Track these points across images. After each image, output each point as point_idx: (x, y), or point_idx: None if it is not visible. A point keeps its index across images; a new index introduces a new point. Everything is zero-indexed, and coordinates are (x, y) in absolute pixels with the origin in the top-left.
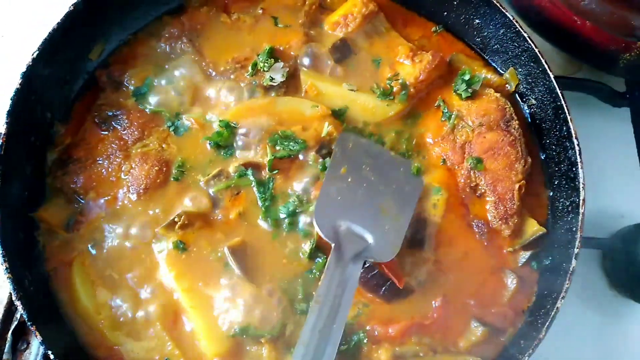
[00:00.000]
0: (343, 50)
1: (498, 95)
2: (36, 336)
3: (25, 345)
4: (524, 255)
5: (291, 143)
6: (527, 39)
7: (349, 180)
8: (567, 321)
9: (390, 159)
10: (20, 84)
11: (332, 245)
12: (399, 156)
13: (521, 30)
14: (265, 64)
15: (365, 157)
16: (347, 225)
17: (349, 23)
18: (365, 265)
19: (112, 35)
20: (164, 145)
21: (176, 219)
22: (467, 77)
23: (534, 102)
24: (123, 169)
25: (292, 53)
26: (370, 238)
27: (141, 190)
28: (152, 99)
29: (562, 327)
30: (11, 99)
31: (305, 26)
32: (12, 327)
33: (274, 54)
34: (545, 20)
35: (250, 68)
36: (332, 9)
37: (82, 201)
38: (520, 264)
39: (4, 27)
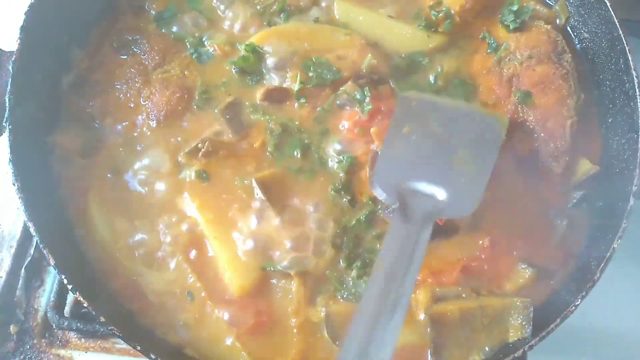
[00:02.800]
0: None
1: (549, 27)
2: (49, 259)
3: (38, 283)
4: (575, 196)
5: (324, 71)
6: None
7: (414, 138)
8: (611, 277)
9: (463, 110)
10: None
11: (396, 205)
12: (474, 106)
13: None
14: None
15: (431, 112)
16: (413, 183)
17: None
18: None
19: None
20: (185, 72)
21: (200, 145)
22: (515, 8)
23: (586, 35)
24: (142, 94)
25: None
26: (442, 194)
27: (161, 117)
28: (174, 24)
29: (606, 283)
30: (25, 14)
31: None
32: (25, 262)
33: None
34: None
35: None
36: None
37: (99, 127)
38: (570, 205)
39: None
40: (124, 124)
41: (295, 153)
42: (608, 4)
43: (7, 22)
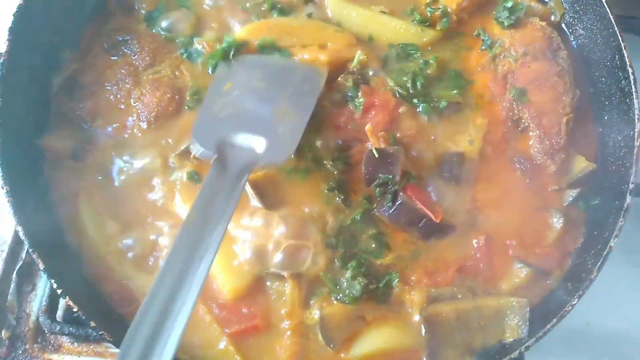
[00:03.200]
0: None
1: (544, 23)
2: (38, 264)
3: (30, 287)
4: (571, 194)
5: None
6: None
7: (235, 93)
8: (607, 276)
9: (285, 64)
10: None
11: (213, 158)
12: (295, 60)
13: None
14: None
15: (253, 69)
16: (232, 136)
17: None
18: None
19: None
20: (176, 72)
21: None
22: (509, 4)
23: (581, 31)
24: (133, 95)
25: None
26: (261, 144)
27: (152, 119)
28: (164, 24)
29: (602, 283)
30: (13, 15)
31: None
32: (17, 266)
33: None
34: None
35: None
36: None
37: (89, 129)
38: (566, 203)
39: None
40: (114, 125)
41: None
42: (603, 1)
43: None
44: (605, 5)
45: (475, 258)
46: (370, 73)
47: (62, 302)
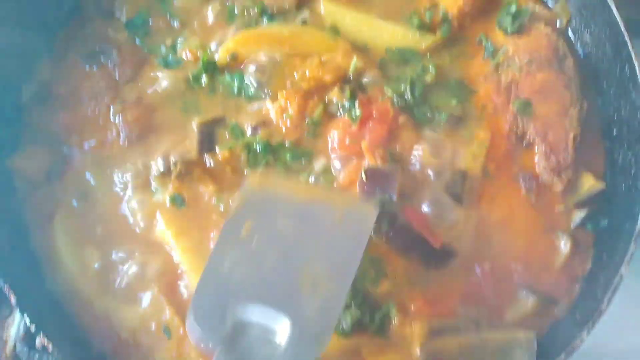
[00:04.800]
0: None
1: (549, 30)
2: (9, 297)
3: (8, 311)
4: (579, 215)
5: None
6: None
7: (254, 244)
8: (617, 300)
9: (324, 198)
10: None
11: (218, 350)
12: (334, 190)
13: None
14: None
15: (283, 203)
16: (245, 314)
17: None
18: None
19: None
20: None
21: (172, 168)
22: (513, 10)
23: (588, 39)
24: (112, 111)
25: None
26: (283, 330)
27: (133, 136)
28: (146, 31)
29: (618, 307)
30: None
31: None
32: None
33: None
34: None
35: None
36: None
37: (64, 146)
38: (574, 225)
39: None
40: (91, 142)
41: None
42: (612, 7)
43: None
44: (615, 13)
45: (478, 285)
46: (367, 80)
47: None
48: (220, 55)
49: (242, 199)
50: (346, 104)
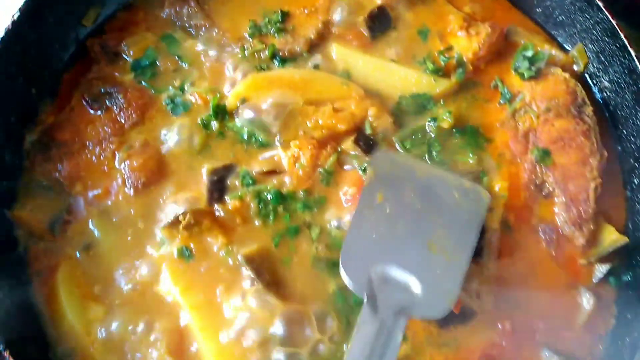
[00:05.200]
0: (381, 19)
1: (567, 75)
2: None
3: None
4: (601, 270)
5: None
6: (602, 8)
7: (387, 210)
8: None
9: (442, 177)
10: None
11: (365, 297)
12: (452, 173)
13: None
14: (272, 27)
15: (408, 179)
16: (384, 270)
17: None
18: None
19: None
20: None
21: (180, 218)
22: (529, 53)
23: (607, 84)
24: (117, 157)
25: (319, 17)
26: (417, 285)
27: (139, 184)
28: (153, 73)
29: None
30: None
31: None
32: None
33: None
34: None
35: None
36: None
37: (68, 195)
38: (596, 280)
39: None
40: (96, 191)
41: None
42: (633, 54)
43: None
44: (635, 59)
45: (500, 346)
46: (380, 136)
47: None
48: (231, 101)
49: (374, 171)
50: (356, 161)
